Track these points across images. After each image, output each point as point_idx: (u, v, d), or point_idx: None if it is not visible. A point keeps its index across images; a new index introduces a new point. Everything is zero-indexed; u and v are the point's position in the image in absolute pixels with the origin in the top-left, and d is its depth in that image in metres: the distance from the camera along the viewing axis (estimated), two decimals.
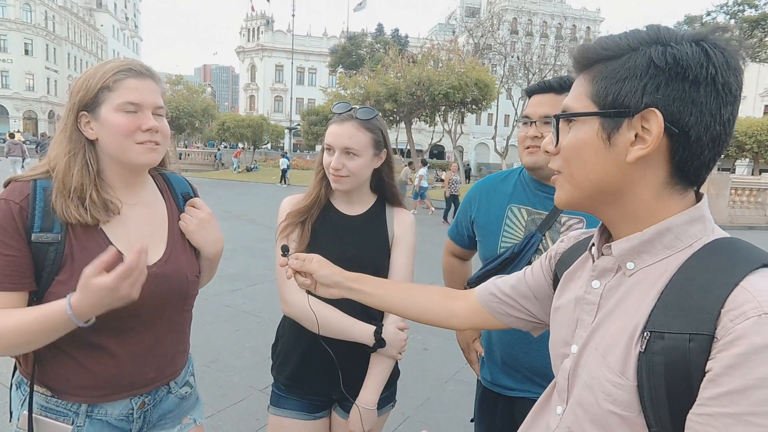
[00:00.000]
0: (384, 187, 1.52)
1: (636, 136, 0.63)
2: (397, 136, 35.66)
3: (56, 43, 57.36)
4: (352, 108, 1.42)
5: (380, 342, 1.37)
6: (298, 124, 38.86)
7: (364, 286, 1.07)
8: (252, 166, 29.42)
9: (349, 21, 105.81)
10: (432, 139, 30.54)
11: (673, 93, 0.61)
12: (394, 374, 1.49)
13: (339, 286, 1.07)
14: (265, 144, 38.93)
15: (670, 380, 0.58)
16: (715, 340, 0.56)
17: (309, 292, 1.15)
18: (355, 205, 1.49)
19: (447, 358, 3.97)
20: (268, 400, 1.54)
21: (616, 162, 0.65)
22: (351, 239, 1.44)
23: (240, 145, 32.98)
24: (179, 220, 1.27)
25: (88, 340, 1.10)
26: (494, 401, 1.57)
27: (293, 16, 50.57)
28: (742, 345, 0.54)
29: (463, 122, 26.07)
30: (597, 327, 0.71)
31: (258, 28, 61.04)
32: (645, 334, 0.61)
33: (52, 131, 49.63)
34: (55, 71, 57.49)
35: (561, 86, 1.42)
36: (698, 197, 0.69)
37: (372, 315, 1.42)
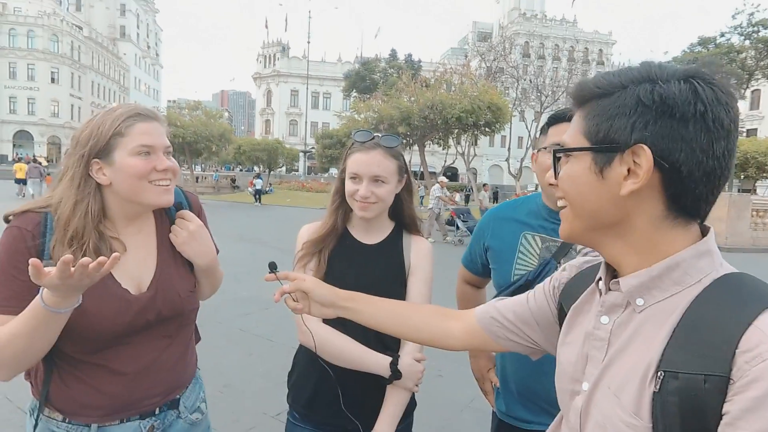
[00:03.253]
0: (403, 213, 1.51)
1: (629, 170, 0.65)
2: (410, 159, 35.88)
3: (81, 72, 59.55)
4: (374, 136, 1.42)
5: (396, 374, 1.34)
6: (313, 148, 39.42)
7: (356, 305, 1.07)
8: (266, 189, 29.76)
9: (363, 46, 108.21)
10: (445, 161, 30.67)
11: (661, 130, 0.63)
12: (410, 406, 1.45)
13: (333, 305, 1.07)
14: (280, 167, 39.50)
15: (686, 421, 0.58)
16: (731, 381, 0.56)
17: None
18: (373, 233, 1.48)
19: (462, 385, 3.88)
20: (280, 427, 1.52)
21: (610, 195, 0.67)
22: (367, 268, 1.43)
23: (256, 169, 33.44)
24: (170, 232, 1.28)
25: (93, 360, 1.12)
26: None
27: (308, 42, 51.84)
28: (759, 388, 0.53)
29: (476, 144, 26.13)
30: (609, 364, 0.70)
31: (274, 54, 62.72)
32: (659, 373, 0.61)
33: None
34: (79, 98, 59.53)
35: None
36: (704, 231, 0.69)
37: (387, 345, 1.40)
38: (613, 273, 0.75)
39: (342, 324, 1.38)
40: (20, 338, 0.99)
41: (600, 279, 0.77)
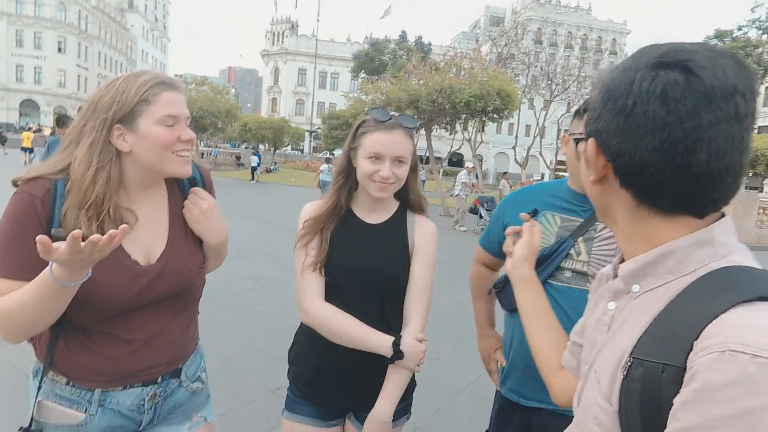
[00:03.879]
0: (408, 192, 1.49)
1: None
2: (416, 143, 35.44)
3: (88, 42, 59.07)
4: (392, 115, 1.40)
5: (398, 353, 1.35)
6: (319, 128, 39.20)
7: (527, 288, 1.11)
8: (272, 167, 29.73)
9: (373, 27, 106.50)
10: (451, 146, 30.45)
11: (603, 123, 0.65)
12: (411, 386, 1.46)
13: (515, 269, 1.13)
14: (286, 146, 39.36)
15: (644, 409, 0.58)
16: (685, 373, 0.55)
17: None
18: (378, 212, 1.47)
19: (460, 368, 3.92)
20: (279, 402, 1.54)
21: (589, 182, 0.72)
22: (370, 248, 1.43)
23: (261, 147, 33.35)
24: (182, 207, 1.28)
25: (100, 328, 1.13)
26: (512, 412, 1.55)
27: (318, 21, 51.14)
28: (698, 381, 0.52)
29: (483, 131, 25.91)
30: (601, 350, 0.71)
31: (283, 32, 61.96)
32: (628, 359, 0.61)
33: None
34: (86, 69, 59.18)
35: None
36: (711, 221, 0.66)
37: (390, 325, 1.41)
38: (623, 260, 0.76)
39: (344, 303, 1.40)
40: (29, 308, 1.00)
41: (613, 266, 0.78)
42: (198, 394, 1.34)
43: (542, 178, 36.57)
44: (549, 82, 32.36)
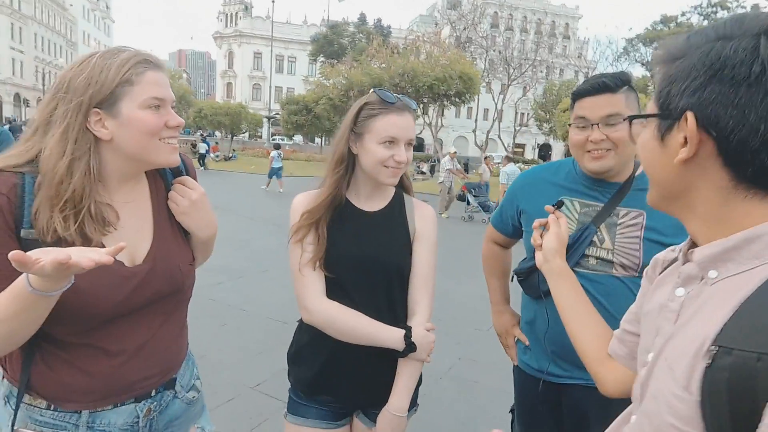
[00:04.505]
0: (402, 176, 1.43)
1: (685, 138, 0.63)
2: None
3: (22, 22, 54.76)
4: (398, 96, 1.34)
5: (411, 346, 1.29)
6: (278, 113, 38.26)
7: (562, 280, 1.09)
8: (230, 155, 28.83)
9: (329, 9, 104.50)
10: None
11: (709, 95, 0.60)
12: (419, 378, 1.42)
13: (548, 262, 1.11)
14: (243, 132, 38.23)
15: (734, 399, 0.54)
16: None
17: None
18: (376, 199, 1.40)
19: (439, 353, 3.92)
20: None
21: (670, 163, 0.66)
22: (371, 237, 1.36)
23: (217, 134, 32.26)
24: (167, 199, 1.16)
25: (83, 340, 1.01)
26: (536, 386, 1.53)
27: (273, 2, 49.46)
28: None
29: (443, 115, 26.03)
30: (672, 337, 0.67)
31: (236, 13, 59.76)
32: (713, 347, 0.58)
33: (17, 114, 47.59)
34: (21, 52, 54.93)
35: (616, 84, 1.37)
36: None
37: (398, 316, 1.35)
38: (694, 245, 0.71)
39: (349, 297, 1.32)
40: (2, 323, 0.86)
41: (681, 251, 0.74)
42: (194, 404, 1.24)
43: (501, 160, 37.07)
44: (506, 65, 32.80)
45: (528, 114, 39.08)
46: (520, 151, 50.94)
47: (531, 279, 1.51)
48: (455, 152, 12.72)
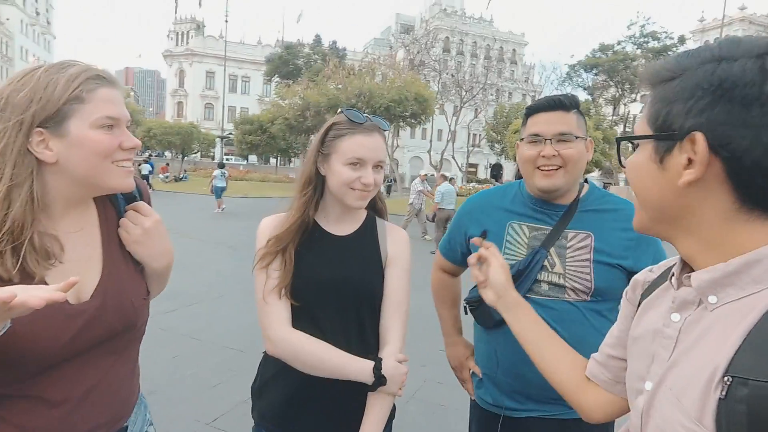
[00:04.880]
0: (375, 198, 1.38)
1: (689, 159, 0.61)
2: None
3: None
4: (367, 116, 1.28)
5: (380, 379, 1.21)
6: (231, 133, 37.51)
7: (521, 312, 1.05)
8: (181, 175, 27.88)
9: (284, 30, 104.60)
10: None
11: (718, 116, 0.58)
12: (392, 411, 1.34)
13: (502, 297, 1.07)
14: (195, 153, 37.14)
15: None
16: None
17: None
18: (347, 222, 1.34)
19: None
20: None
21: (671, 185, 0.64)
22: (342, 262, 1.29)
23: (167, 154, 31.21)
24: (117, 227, 1.06)
25: (20, 391, 0.88)
26: (495, 423, 1.47)
27: (226, 21, 48.96)
28: None
29: (399, 136, 26.44)
30: (673, 365, 0.65)
31: (188, 32, 58.72)
32: (726, 378, 0.56)
33: None
34: None
35: (570, 104, 1.39)
36: None
37: (369, 345, 1.27)
38: (689, 268, 0.69)
39: (317, 326, 1.24)
40: None
41: (673, 274, 0.72)
42: None
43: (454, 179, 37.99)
44: (459, 88, 33.88)
45: (480, 135, 40.34)
46: (473, 170, 52.35)
47: (483, 308, 1.46)
48: (426, 174, 12.66)
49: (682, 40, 36.77)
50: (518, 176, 1.60)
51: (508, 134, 23.90)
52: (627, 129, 34.26)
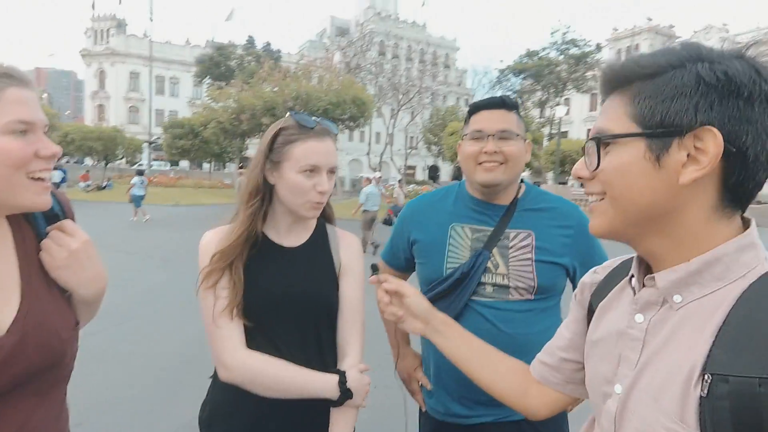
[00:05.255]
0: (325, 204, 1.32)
1: (688, 156, 0.61)
2: None
3: None
4: (318, 120, 1.22)
5: (346, 393, 1.17)
6: (159, 137, 35.56)
7: (449, 330, 1.03)
8: (104, 183, 25.99)
9: (215, 31, 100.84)
10: None
11: (727, 111, 0.59)
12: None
13: (427, 321, 1.03)
14: (120, 159, 34.80)
15: (739, 428, 0.53)
16: None
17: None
18: (296, 233, 1.27)
19: None
20: None
21: (666, 184, 0.62)
22: (295, 275, 1.22)
23: (88, 161, 29.03)
24: (38, 250, 0.92)
25: None
26: None
27: (151, 20, 46.44)
28: None
29: (337, 139, 26.39)
30: (645, 366, 0.65)
31: (107, 30, 54.98)
32: (706, 376, 0.56)
33: None
34: None
35: (512, 104, 1.44)
36: (745, 223, 0.66)
37: (327, 360, 1.22)
38: (646, 268, 0.70)
39: (273, 344, 1.17)
40: None
41: (632, 276, 0.72)
42: None
43: (398, 183, 38.43)
44: (395, 91, 34.31)
45: (417, 138, 41.10)
46: (411, 172, 53.19)
47: None
48: (380, 177, 12.46)
49: (599, 47, 39.48)
50: (456, 177, 1.60)
51: (444, 136, 24.58)
52: (552, 131, 36.28)
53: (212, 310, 1.15)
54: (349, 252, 1.31)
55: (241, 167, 25.03)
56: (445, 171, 54.45)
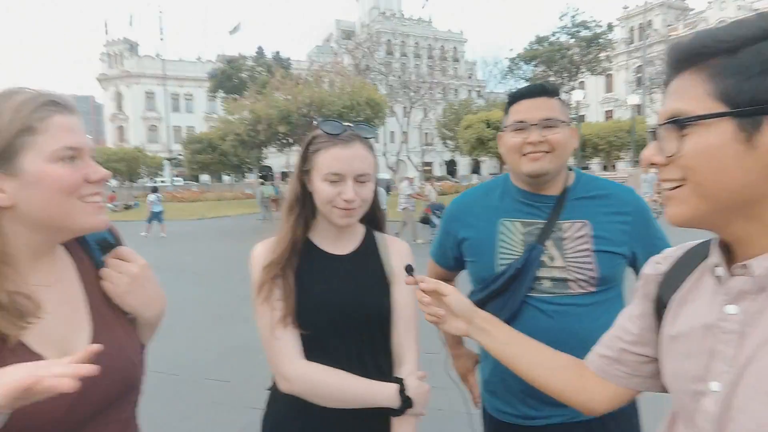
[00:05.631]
0: (373, 211, 1.31)
1: None
2: (287, 159, 34.94)
3: None
4: (348, 126, 1.20)
5: (407, 402, 1.15)
6: (179, 154, 36.26)
7: (493, 328, 0.98)
8: (131, 203, 26.65)
9: (224, 45, 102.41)
10: None
11: None
12: None
13: (470, 320, 0.99)
14: (143, 177, 35.65)
15: None
16: None
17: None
18: (345, 241, 1.27)
19: None
20: None
21: (760, 165, 0.58)
22: (346, 283, 1.22)
23: (113, 182, 29.78)
24: (99, 279, 0.95)
25: None
26: None
27: (162, 39, 47.41)
28: None
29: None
30: (750, 361, 0.61)
31: (121, 53, 56.35)
32: None
33: None
34: None
35: (553, 90, 1.37)
36: None
37: (383, 370, 1.21)
38: (728, 257, 0.66)
39: (327, 355, 1.17)
40: None
41: (716, 265, 0.68)
42: None
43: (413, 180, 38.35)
44: (406, 89, 34.25)
45: (432, 134, 40.94)
46: (428, 169, 53.05)
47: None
48: (413, 177, 12.39)
49: (610, 27, 38.66)
50: (474, 170, 1.56)
51: (459, 130, 24.42)
52: (570, 115, 35.61)
53: (270, 322, 1.16)
54: (399, 258, 1.30)
55: (261, 177, 25.35)
56: (463, 164, 54.08)
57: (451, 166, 56.88)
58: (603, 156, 25.91)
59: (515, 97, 1.39)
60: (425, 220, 11.56)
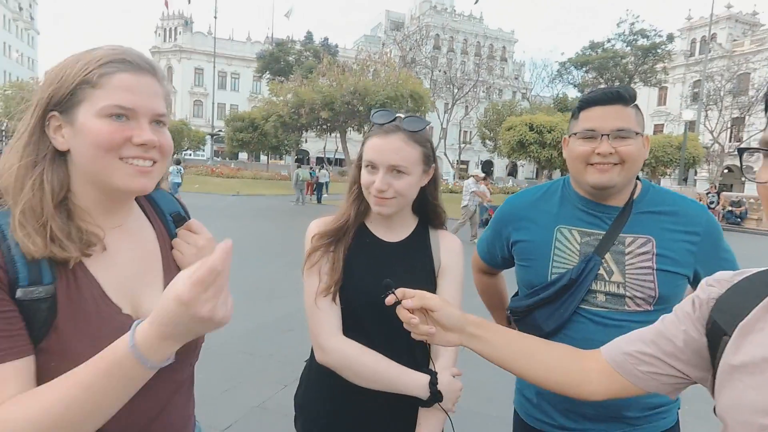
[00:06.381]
0: (427, 207, 1.33)
1: None
2: (325, 145, 35.28)
3: None
4: (396, 116, 1.21)
5: (436, 395, 1.16)
6: (221, 130, 37.16)
7: (486, 333, 0.95)
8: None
9: (273, 27, 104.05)
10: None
11: None
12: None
13: (461, 330, 0.94)
14: (185, 150, 36.72)
15: None
16: None
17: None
18: (396, 229, 1.29)
19: None
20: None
21: None
22: (391, 269, 1.22)
23: None
24: (172, 248, 1.00)
25: None
26: None
27: (215, 18, 48.42)
28: None
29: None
30: None
31: (175, 28, 58.01)
32: None
33: None
34: None
35: (630, 97, 1.27)
36: None
37: (417, 360, 1.21)
38: None
39: (365, 335, 1.19)
40: (81, 404, 0.69)
41: None
42: None
43: (453, 177, 38.25)
44: (450, 85, 33.89)
45: (471, 132, 40.45)
46: (464, 167, 52.53)
47: (529, 319, 1.38)
48: (481, 175, 11.68)
49: (670, 38, 37.10)
50: (510, 173, 1.49)
51: (501, 131, 24.01)
52: None
53: (314, 291, 1.20)
54: (449, 253, 1.30)
55: (298, 159, 25.73)
56: (500, 166, 53.25)
57: (486, 167, 56.09)
58: (648, 171, 24.90)
59: (587, 102, 1.30)
60: (487, 222, 11.01)
